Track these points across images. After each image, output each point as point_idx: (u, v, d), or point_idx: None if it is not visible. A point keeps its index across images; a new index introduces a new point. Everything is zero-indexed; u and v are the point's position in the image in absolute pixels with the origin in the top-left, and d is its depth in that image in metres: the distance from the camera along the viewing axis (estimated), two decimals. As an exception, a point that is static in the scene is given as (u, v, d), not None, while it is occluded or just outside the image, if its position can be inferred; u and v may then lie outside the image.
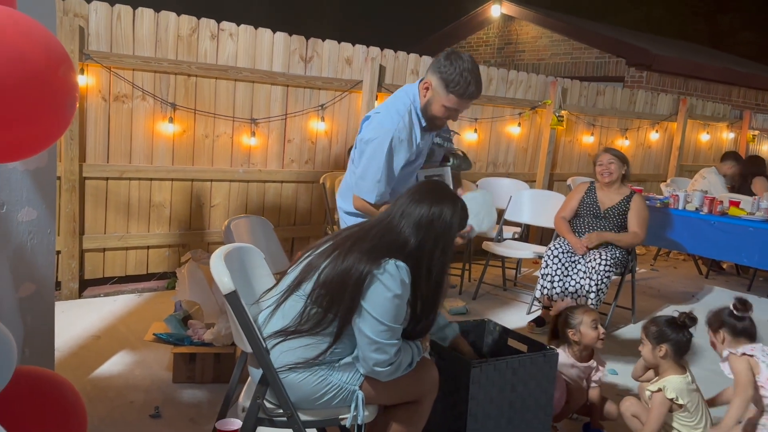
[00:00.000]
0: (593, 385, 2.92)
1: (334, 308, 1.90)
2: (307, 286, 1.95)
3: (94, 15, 4.01)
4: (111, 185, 4.27)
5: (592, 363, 2.91)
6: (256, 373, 2.00)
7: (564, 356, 2.86)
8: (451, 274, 5.03)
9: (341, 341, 1.94)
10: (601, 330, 2.86)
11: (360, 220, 2.57)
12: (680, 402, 2.53)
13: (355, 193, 2.62)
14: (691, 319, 2.63)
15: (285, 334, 1.93)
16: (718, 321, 2.65)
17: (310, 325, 1.91)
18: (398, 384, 2.01)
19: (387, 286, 1.88)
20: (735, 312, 2.60)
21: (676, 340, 2.60)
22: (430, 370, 2.11)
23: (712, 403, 2.77)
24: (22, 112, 1.25)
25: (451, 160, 2.72)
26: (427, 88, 2.53)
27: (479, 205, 2.50)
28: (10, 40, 1.22)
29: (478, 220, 2.48)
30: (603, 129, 7.12)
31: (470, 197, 2.46)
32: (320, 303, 1.91)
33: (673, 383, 2.56)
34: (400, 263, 1.91)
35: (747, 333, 2.58)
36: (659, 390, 2.56)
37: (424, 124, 2.60)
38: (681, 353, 2.63)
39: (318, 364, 1.93)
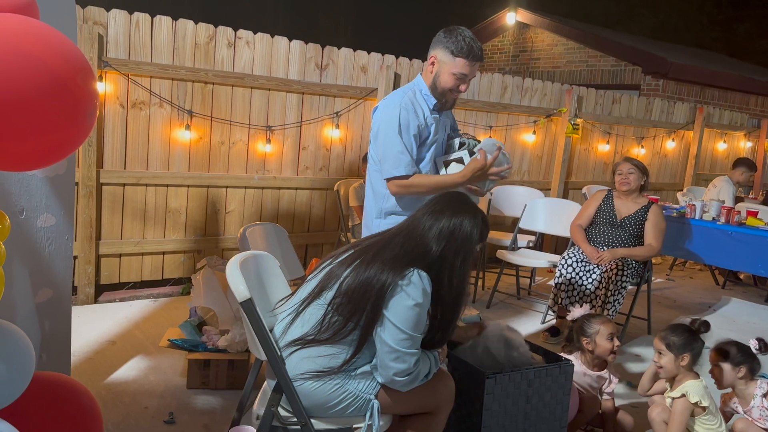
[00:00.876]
0: (606, 396, 2.89)
1: (355, 317, 1.90)
2: (328, 294, 1.96)
3: (113, 23, 4.06)
4: (128, 191, 4.31)
5: (605, 373, 2.89)
6: (272, 382, 2.01)
7: (576, 364, 2.83)
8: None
9: (361, 351, 1.94)
10: (616, 343, 2.84)
11: (397, 219, 2.60)
12: (704, 404, 2.52)
13: (385, 178, 2.65)
14: (705, 325, 2.65)
15: (304, 342, 1.94)
16: (743, 356, 2.69)
17: (329, 333, 1.92)
18: (414, 394, 2.01)
19: (410, 295, 1.88)
20: (759, 350, 2.69)
21: (697, 349, 2.60)
22: (446, 382, 2.10)
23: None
24: (45, 121, 1.26)
25: (467, 142, 2.75)
26: (432, 63, 2.63)
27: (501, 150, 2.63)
28: (33, 51, 1.24)
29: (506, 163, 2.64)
30: (619, 137, 7.08)
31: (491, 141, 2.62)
32: (341, 311, 1.91)
33: (694, 387, 2.55)
34: (423, 273, 1.92)
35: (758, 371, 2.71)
36: (682, 396, 2.54)
37: (434, 101, 2.69)
38: (697, 360, 2.64)
39: (336, 372, 1.93)
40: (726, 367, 2.70)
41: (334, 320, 1.92)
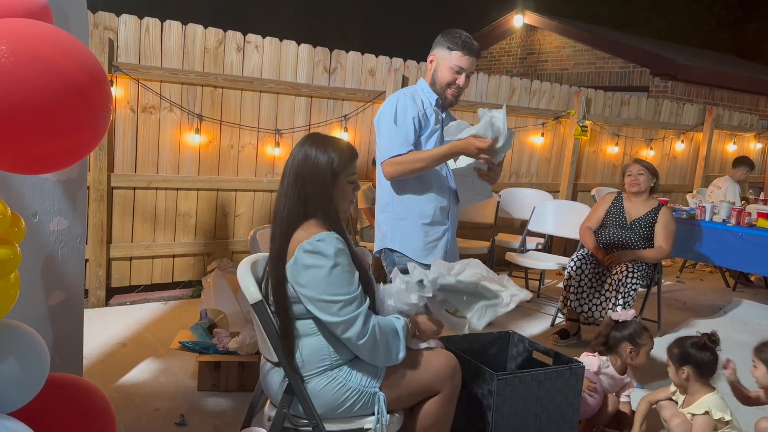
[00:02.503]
0: (624, 399, 2.91)
1: (287, 313, 1.97)
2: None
3: (124, 28, 4.10)
4: (138, 195, 4.34)
5: (626, 378, 2.90)
6: (271, 384, 2.04)
7: (610, 368, 2.87)
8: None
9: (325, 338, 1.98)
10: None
11: (407, 198, 2.72)
12: (727, 419, 2.51)
13: (383, 162, 2.69)
14: (712, 340, 2.60)
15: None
16: None
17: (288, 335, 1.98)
18: (415, 376, 2.03)
19: (304, 265, 1.89)
20: None
21: (698, 362, 2.58)
22: (442, 357, 2.10)
23: None
24: (60, 125, 1.28)
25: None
26: (431, 61, 2.77)
27: (502, 122, 2.57)
28: (49, 56, 1.26)
29: (503, 135, 2.57)
30: (628, 139, 7.06)
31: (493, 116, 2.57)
32: (278, 313, 1.98)
33: (715, 403, 2.53)
34: (309, 244, 1.90)
35: None
36: (705, 413, 2.52)
37: (435, 97, 2.78)
38: (705, 374, 2.60)
39: (338, 366, 1.96)
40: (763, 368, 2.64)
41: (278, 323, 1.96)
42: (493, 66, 11.94)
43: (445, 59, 2.71)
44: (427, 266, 2.68)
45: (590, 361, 2.86)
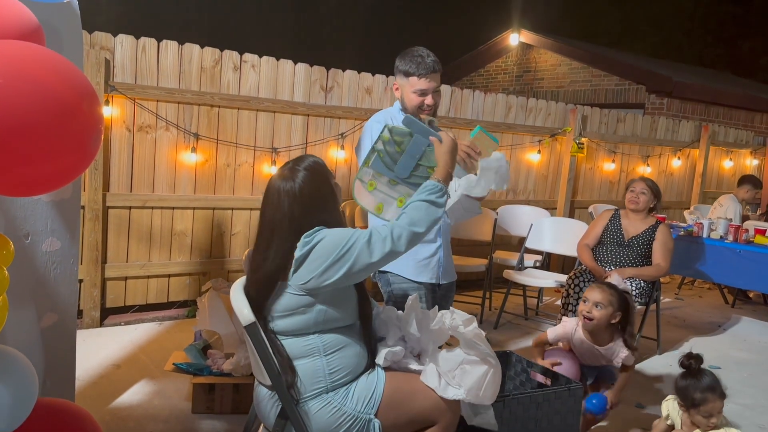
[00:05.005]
0: (617, 364, 2.88)
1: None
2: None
3: (120, 48, 4.10)
4: (134, 214, 4.32)
5: (611, 346, 2.87)
6: (265, 408, 2.01)
7: (572, 326, 2.86)
8: (470, 303, 4.94)
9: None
10: (587, 308, 2.82)
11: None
12: None
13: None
14: (695, 359, 2.50)
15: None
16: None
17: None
18: (413, 404, 1.99)
19: (319, 256, 1.88)
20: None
21: (679, 390, 2.50)
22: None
23: None
24: (50, 147, 1.27)
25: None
26: (397, 89, 2.76)
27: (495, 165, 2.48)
28: (39, 78, 1.25)
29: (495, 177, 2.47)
30: (624, 156, 7.07)
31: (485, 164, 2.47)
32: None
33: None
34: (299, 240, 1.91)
35: None
36: None
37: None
38: (690, 403, 2.45)
39: (334, 388, 1.92)
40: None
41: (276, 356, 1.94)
42: (490, 84, 12.00)
43: (406, 86, 2.68)
44: (421, 284, 2.68)
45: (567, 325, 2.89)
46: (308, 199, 1.95)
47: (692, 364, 2.50)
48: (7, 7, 1.40)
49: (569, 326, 2.96)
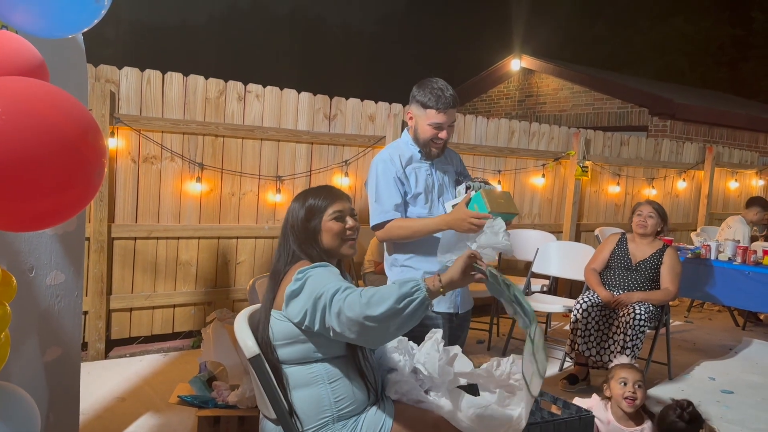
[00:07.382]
0: None
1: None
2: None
3: (125, 80, 4.15)
4: (139, 245, 4.32)
5: (644, 427, 2.80)
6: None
7: (602, 411, 2.77)
8: (478, 329, 4.88)
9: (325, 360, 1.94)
10: (630, 389, 2.75)
11: (415, 260, 2.72)
12: None
13: (372, 227, 2.73)
14: (686, 409, 2.56)
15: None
16: None
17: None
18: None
19: (304, 295, 1.88)
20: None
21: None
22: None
23: None
24: (53, 182, 1.27)
25: (472, 185, 2.69)
26: (411, 118, 2.74)
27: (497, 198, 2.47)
28: (42, 113, 1.25)
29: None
30: (629, 179, 7.06)
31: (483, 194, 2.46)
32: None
33: None
34: (293, 282, 1.91)
35: None
36: None
37: (419, 150, 2.77)
38: None
39: (341, 419, 1.89)
40: None
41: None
42: (492, 109, 12.06)
43: (422, 117, 2.67)
44: (438, 314, 2.66)
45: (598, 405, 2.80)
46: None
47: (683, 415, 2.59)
48: (11, 43, 1.41)
49: (598, 411, 2.84)
